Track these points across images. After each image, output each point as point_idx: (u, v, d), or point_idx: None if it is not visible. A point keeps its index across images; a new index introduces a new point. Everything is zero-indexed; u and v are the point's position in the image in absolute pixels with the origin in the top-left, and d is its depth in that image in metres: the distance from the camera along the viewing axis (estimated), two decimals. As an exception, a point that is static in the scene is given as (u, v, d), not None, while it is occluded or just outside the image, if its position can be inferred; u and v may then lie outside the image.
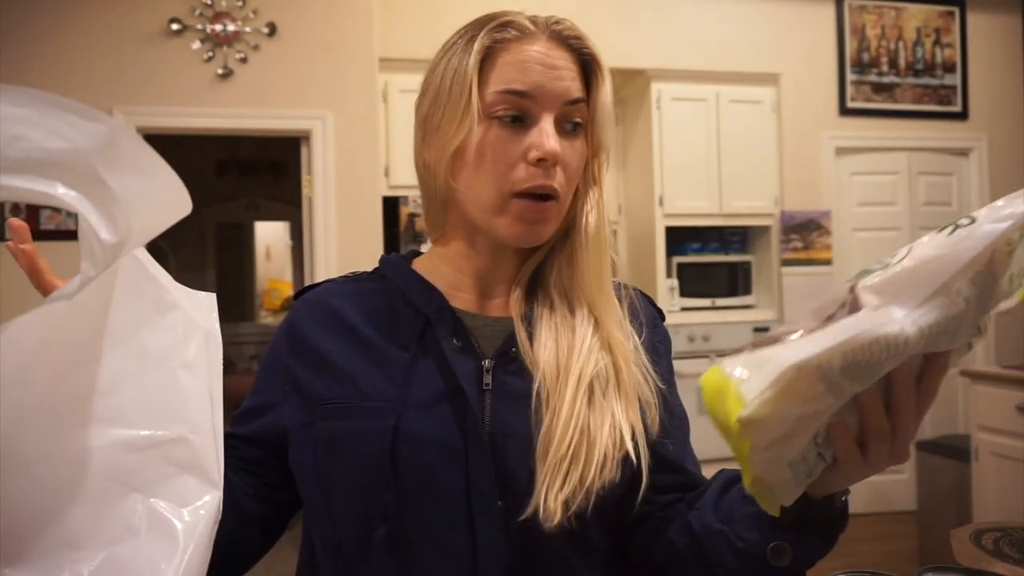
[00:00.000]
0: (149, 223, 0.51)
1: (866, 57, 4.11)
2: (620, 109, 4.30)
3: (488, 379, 0.70)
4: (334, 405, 0.70)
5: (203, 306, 0.59)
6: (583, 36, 0.74)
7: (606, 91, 0.74)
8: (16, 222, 0.61)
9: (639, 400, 0.70)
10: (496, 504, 0.66)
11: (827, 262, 4.00)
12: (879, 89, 4.13)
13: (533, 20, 0.72)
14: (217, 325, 0.59)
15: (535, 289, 0.76)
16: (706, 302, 3.96)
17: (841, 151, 4.08)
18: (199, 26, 3.27)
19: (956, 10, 4.23)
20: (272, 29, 3.33)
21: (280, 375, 0.75)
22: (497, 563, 0.66)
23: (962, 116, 4.24)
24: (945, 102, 4.22)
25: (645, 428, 0.69)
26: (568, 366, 0.68)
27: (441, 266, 0.77)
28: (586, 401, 0.67)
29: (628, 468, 0.67)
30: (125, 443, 0.51)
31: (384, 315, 0.74)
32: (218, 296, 0.67)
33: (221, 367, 0.58)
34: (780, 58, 3.99)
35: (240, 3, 3.30)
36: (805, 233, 3.98)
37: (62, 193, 0.46)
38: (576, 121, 0.72)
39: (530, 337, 0.71)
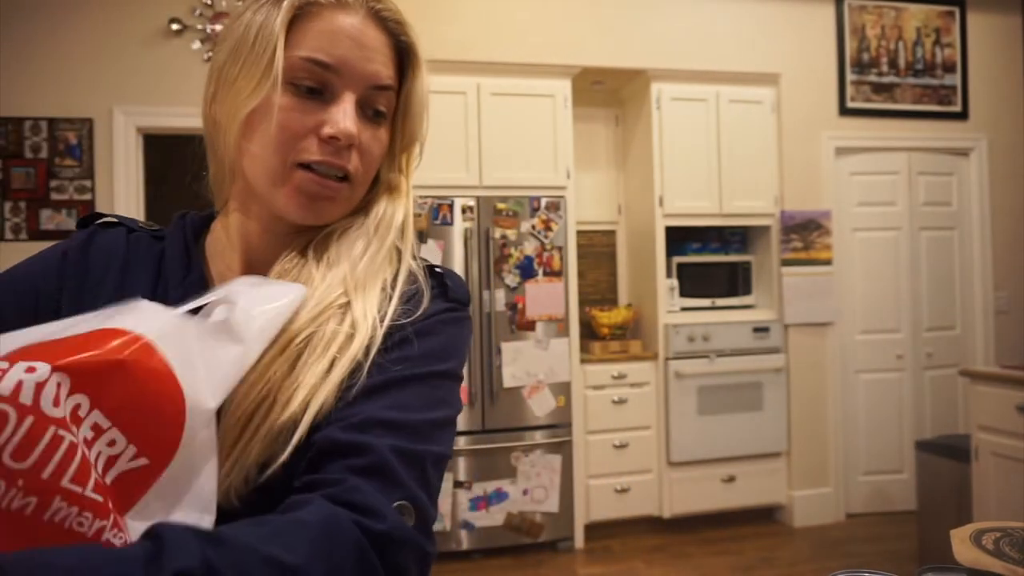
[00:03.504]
0: None
1: (866, 57, 4.11)
2: (620, 109, 4.30)
3: None
4: None
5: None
6: (404, 22, 0.69)
7: (421, 82, 0.69)
8: None
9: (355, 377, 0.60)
10: None
11: (827, 262, 4.00)
12: (879, 89, 4.13)
13: None
14: None
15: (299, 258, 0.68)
16: (706, 302, 3.96)
17: (841, 151, 4.08)
18: (199, 26, 3.27)
19: (956, 10, 4.23)
20: (272, 29, 3.33)
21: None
22: None
23: (962, 116, 4.24)
24: (945, 102, 4.22)
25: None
26: (287, 325, 0.60)
27: (222, 238, 0.72)
28: (289, 364, 0.59)
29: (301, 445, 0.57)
30: None
31: (142, 290, 0.67)
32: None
33: None
34: (780, 58, 4.00)
35: (240, 3, 3.30)
36: (805, 233, 3.98)
37: None
38: (379, 109, 0.67)
39: None
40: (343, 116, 0.63)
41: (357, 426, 0.57)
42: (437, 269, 0.72)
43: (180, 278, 0.68)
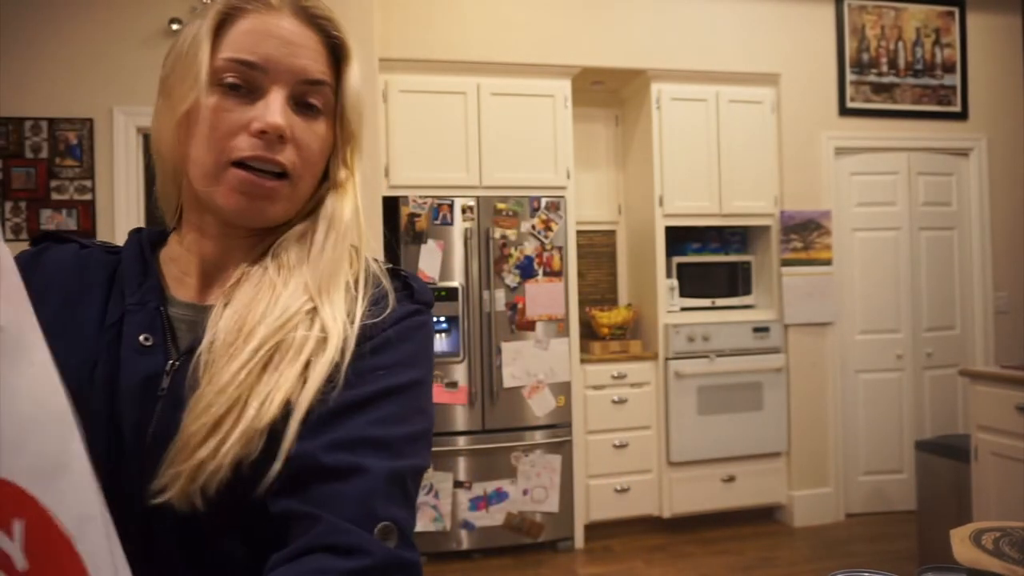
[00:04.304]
0: None
1: (866, 57, 4.11)
2: (620, 109, 4.30)
3: (166, 382, 0.63)
4: None
5: None
6: (331, 18, 0.69)
7: (353, 76, 0.70)
8: None
9: (329, 383, 0.61)
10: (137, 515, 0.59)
11: (827, 262, 4.00)
12: (879, 89, 4.13)
13: None
14: None
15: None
16: (706, 302, 3.96)
17: (841, 151, 4.08)
18: (199, 26, 3.27)
19: (956, 10, 4.23)
20: (272, 29, 3.33)
21: None
22: (169, 564, 0.61)
23: (962, 116, 4.24)
24: (945, 102, 4.22)
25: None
26: (253, 331, 0.61)
27: (177, 248, 0.72)
28: (260, 368, 0.60)
29: (275, 447, 0.58)
30: None
31: (96, 298, 0.68)
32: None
33: None
34: (780, 58, 4.00)
35: (240, 3, 3.30)
36: (805, 233, 3.98)
37: None
38: (312, 102, 0.68)
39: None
40: (270, 111, 0.64)
41: (341, 445, 0.59)
42: (401, 272, 0.74)
43: (137, 284, 0.69)
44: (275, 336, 0.62)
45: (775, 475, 3.92)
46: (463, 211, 3.50)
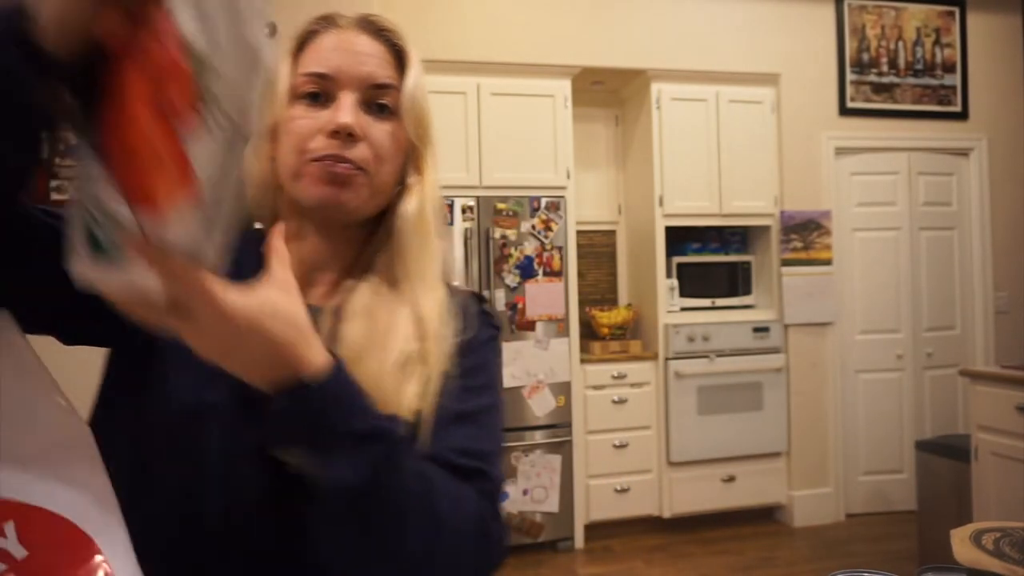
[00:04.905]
0: None
1: (866, 57, 4.11)
2: (620, 109, 4.30)
3: None
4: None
5: None
6: (392, 29, 0.78)
7: (411, 81, 0.76)
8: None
9: (434, 390, 0.71)
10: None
11: (827, 262, 4.00)
12: (879, 89, 4.13)
13: (345, 15, 0.78)
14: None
15: (360, 277, 0.76)
16: (706, 302, 3.96)
17: (841, 151, 4.08)
18: (199, 26, 3.27)
19: (956, 10, 4.23)
20: (272, 30, 3.33)
21: None
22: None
23: (962, 116, 4.24)
24: (945, 102, 4.22)
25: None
26: (382, 343, 0.70)
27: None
28: (390, 377, 0.68)
29: None
30: None
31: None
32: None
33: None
34: (780, 58, 4.00)
35: (240, 3, 3.30)
36: (805, 233, 3.98)
37: None
38: (383, 103, 0.75)
39: (339, 321, 0.72)
40: (340, 112, 0.72)
41: (462, 452, 0.68)
42: (480, 296, 0.83)
43: (257, 268, 0.73)
44: (402, 347, 0.70)
45: (775, 475, 3.92)
46: (463, 211, 3.50)
